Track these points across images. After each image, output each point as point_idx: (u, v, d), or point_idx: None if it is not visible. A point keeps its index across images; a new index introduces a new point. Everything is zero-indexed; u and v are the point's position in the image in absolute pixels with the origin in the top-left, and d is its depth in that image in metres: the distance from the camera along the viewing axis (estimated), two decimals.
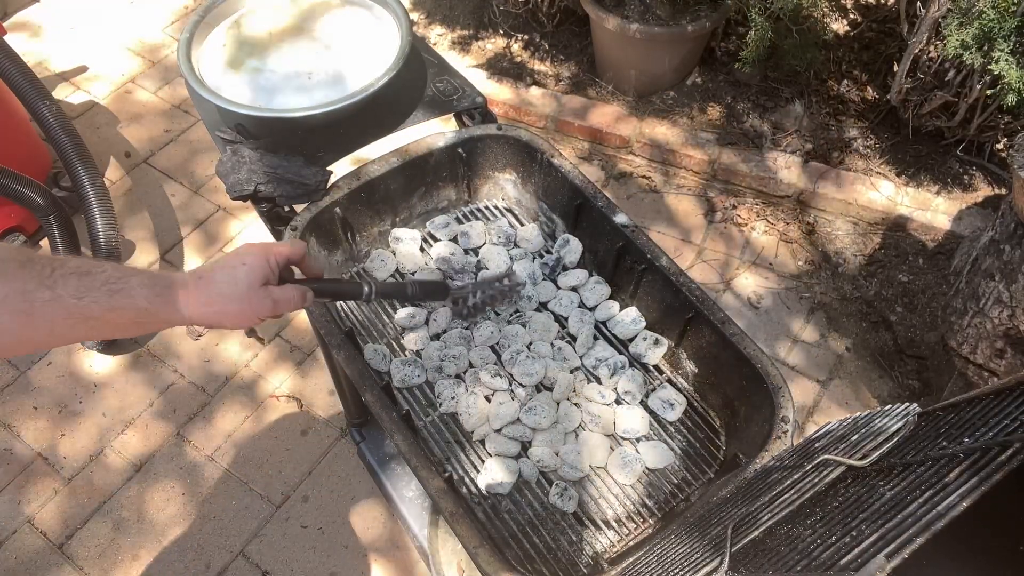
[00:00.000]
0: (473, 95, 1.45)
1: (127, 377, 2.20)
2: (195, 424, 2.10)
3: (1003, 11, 1.83)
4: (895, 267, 2.32)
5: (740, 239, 2.45)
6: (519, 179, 1.49)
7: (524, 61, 2.91)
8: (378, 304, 1.39)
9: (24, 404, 2.15)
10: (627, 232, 1.29)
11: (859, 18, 2.82)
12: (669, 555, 0.87)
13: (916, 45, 2.18)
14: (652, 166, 2.64)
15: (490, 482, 1.15)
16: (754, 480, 0.94)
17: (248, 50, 1.42)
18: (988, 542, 0.62)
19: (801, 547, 0.63)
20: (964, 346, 1.79)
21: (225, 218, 2.56)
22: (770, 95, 2.70)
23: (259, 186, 1.24)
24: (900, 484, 0.62)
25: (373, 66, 1.35)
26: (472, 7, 3.07)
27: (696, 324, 1.22)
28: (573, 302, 1.37)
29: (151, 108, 2.88)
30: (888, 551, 0.50)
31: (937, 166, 2.46)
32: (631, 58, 2.65)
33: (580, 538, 1.13)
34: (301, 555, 1.88)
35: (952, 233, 2.33)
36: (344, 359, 1.14)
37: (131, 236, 2.51)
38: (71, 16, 3.27)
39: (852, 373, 2.15)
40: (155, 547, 1.89)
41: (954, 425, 0.67)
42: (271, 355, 2.23)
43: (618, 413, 1.24)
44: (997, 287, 1.66)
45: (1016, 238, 1.60)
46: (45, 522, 1.94)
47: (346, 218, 1.36)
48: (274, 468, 2.02)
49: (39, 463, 2.04)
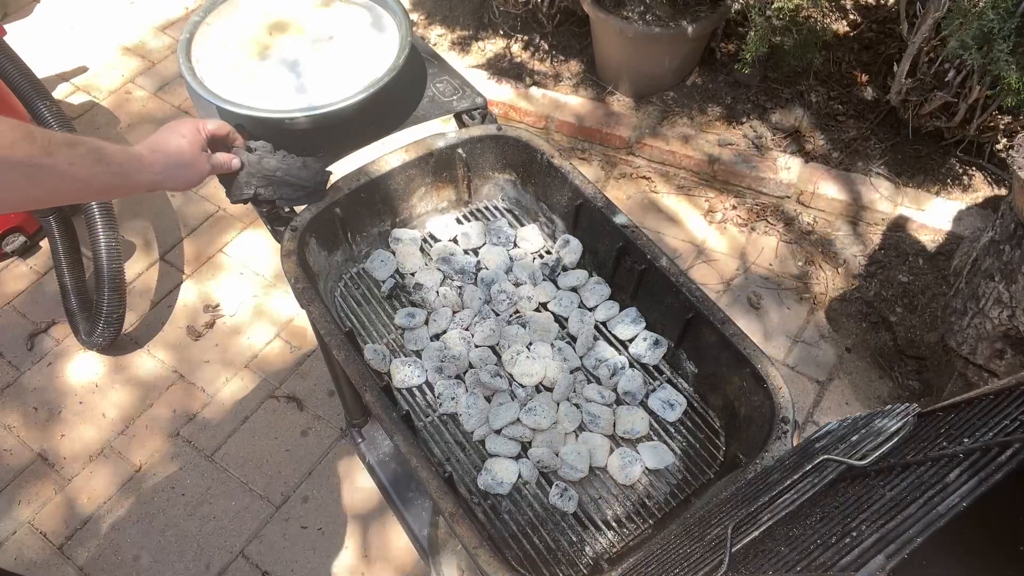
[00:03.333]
0: (473, 96, 1.45)
1: (127, 377, 2.20)
2: (195, 424, 2.10)
3: (1003, 11, 1.83)
4: (895, 267, 2.32)
5: (740, 239, 2.45)
6: (519, 179, 1.49)
7: (524, 62, 2.91)
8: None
9: (24, 404, 2.15)
10: (627, 232, 1.29)
11: (859, 18, 2.82)
12: (669, 556, 0.87)
13: (916, 45, 2.18)
14: (652, 166, 2.64)
15: (490, 482, 1.15)
16: (754, 480, 0.94)
17: (248, 50, 1.42)
18: (988, 542, 0.62)
19: (801, 547, 0.63)
20: (964, 346, 1.79)
21: (225, 218, 2.56)
22: (770, 95, 2.70)
23: (258, 189, 1.24)
24: (900, 484, 0.62)
25: (373, 66, 1.36)
26: (472, 8, 3.07)
27: (696, 324, 1.22)
28: (573, 302, 1.37)
29: (151, 109, 2.88)
30: (888, 551, 0.50)
31: (937, 166, 2.46)
32: (631, 59, 2.65)
33: (580, 538, 1.13)
34: (301, 555, 1.88)
35: (952, 233, 2.33)
36: (344, 359, 1.14)
37: (131, 237, 2.52)
38: (71, 16, 3.27)
39: (852, 373, 2.15)
40: (155, 547, 1.89)
41: (954, 425, 0.67)
42: (271, 355, 2.23)
43: (618, 413, 1.24)
44: (997, 287, 1.66)
45: (1016, 238, 1.60)
46: (45, 523, 1.94)
47: (346, 218, 1.36)
48: (274, 468, 2.02)
49: (39, 463, 2.04)
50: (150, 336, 2.29)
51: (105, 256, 2.06)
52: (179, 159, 1.07)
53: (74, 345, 2.24)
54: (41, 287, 2.41)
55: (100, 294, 2.07)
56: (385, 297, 1.39)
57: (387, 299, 1.39)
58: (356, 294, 1.41)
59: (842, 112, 2.63)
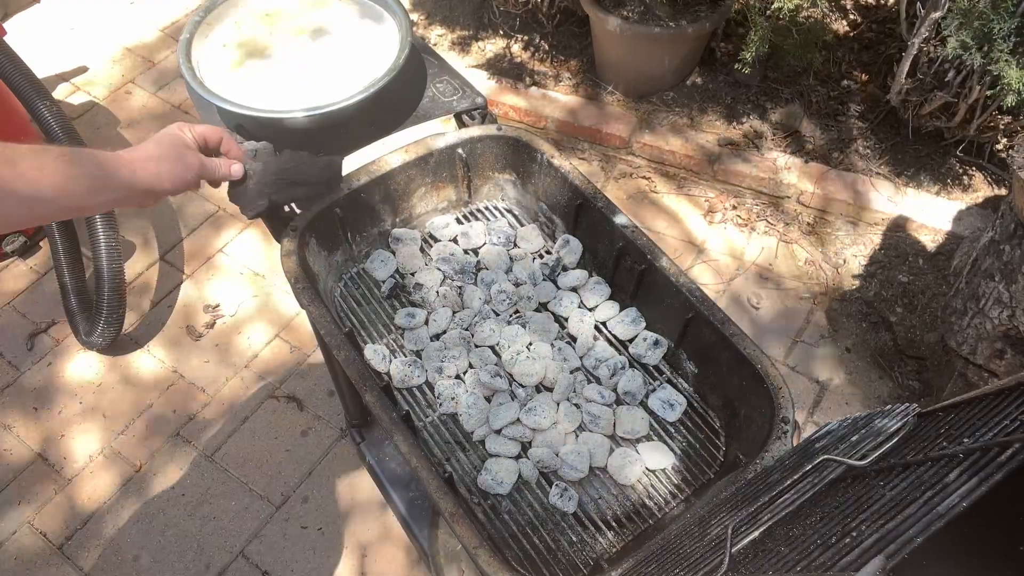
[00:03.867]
0: (473, 96, 1.45)
1: (127, 377, 2.20)
2: (195, 424, 2.10)
3: (1003, 11, 1.83)
4: (895, 267, 2.32)
5: (740, 239, 2.45)
6: (519, 179, 1.49)
7: (524, 62, 2.91)
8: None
9: (24, 404, 2.15)
10: (627, 232, 1.29)
11: (859, 18, 2.82)
12: (669, 556, 0.87)
13: (916, 46, 2.18)
14: (652, 166, 2.64)
15: (490, 482, 1.15)
16: (754, 480, 0.94)
17: (248, 50, 1.42)
18: (988, 542, 0.62)
19: (801, 548, 0.63)
20: (964, 346, 1.79)
21: (225, 218, 2.57)
22: (770, 95, 2.70)
23: (272, 196, 1.20)
24: (900, 484, 0.62)
25: (373, 66, 1.35)
26: (472, 8, 3.07)
27: (696, 324, 1.22)
28: (573, 302, 1.37)
29: (151, 109, 2.88)
30: (888, 552, 0.50)
31: (937, 166, 2.46)
32: (631, 59, 2.65)
33: (580, 538, 1.13)
34: (301, 556, 1.88)
35: (952, 233, 2.33)
36: (344, 360, 1.14)
37: (131, 237, 2.52)
38: (71, 17, 3.27)
39: (852, 373, 2.15)
40: (155, 547, 1.89)
41: (954, 425, 0.67)
42: (271, 355, 2.23)
43: (618, 414, 1.24)
44: (997, 287, 1.66)
45: (1016, 238, 1.60)
46: (45, 523, 1.94)
47: (346, 218, 1.36)
48: (274, 469, 2.02)
49: (39, 463, 2.04)
50: (150, 336, 2.29)
51: (105, 256, 2.06)
52: (161, 153, 1.00)
53: (74, 345, 2.24)
54: (41, 287, 2.41)
55: (100, 294, 2.08)
56: (385, 297, 1.39)
57: (387, 299, 1.39)
58: (356, 294, 1.41)
59: (842, 112, 2.63)
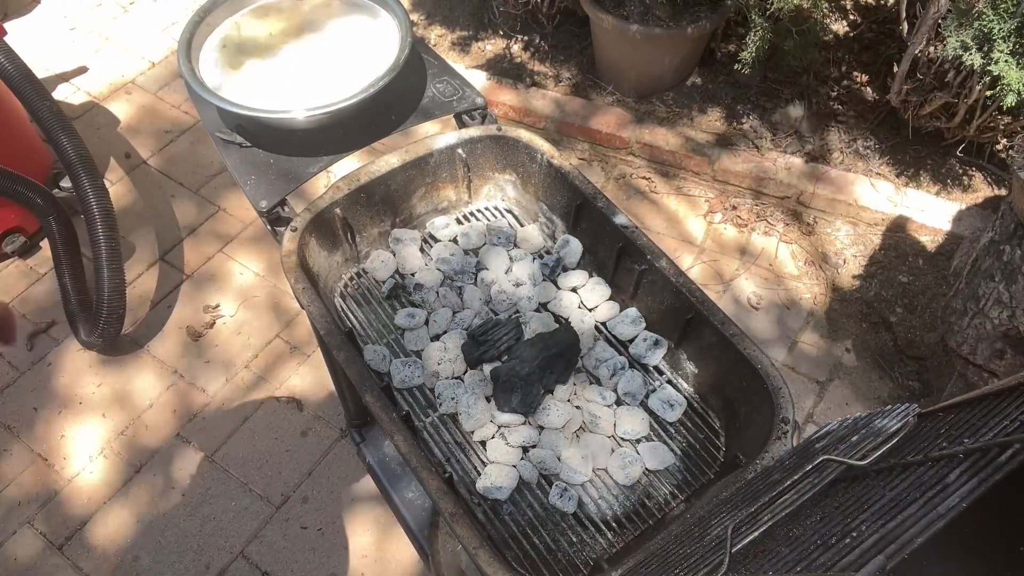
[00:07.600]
0: (473, 96, 1.46)
1: (127, 377, 2.20)
2: (195, 424, 2.10)
3: (1003, 11, 1.83)
4: (895, 268, 2.32)
5: (740, 240, 2.45)
6: (519, 180, 1.49)
7: (524, 62, 2.91)
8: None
9: (24, 405, 2.15)
10: (627, 233, 1.29)
11: (859, 19, 2.82)
12: (669, 556, 0.87)
13: (916, 46, 2.18)
14: (652, 167, 2.64)
15: (489, 487, 1.15)
16: (754, 481, 0.94)
17: (248, 51, 1.42)
18: (988, 542, 0.62)
19: (801, 548, 0.63)
20: (964, 347, 1.79)
21: (225, 218, 2.56)
22: (770, 96, 2.70)
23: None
24: (900, 485, 0.62)
25: (373, 67, 1.36)
26: (472, 8, 3.07)
27: (696, 325, 1.22)
28: (573, 303, 1.37)
29: (151, 109, 2.88)
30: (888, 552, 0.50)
31: (937, 167, 2.46)
32: (631, 59, 2.65)
33: (580, 539, 1.13)
34: (301, 556, 1.87)
35: (952, 234, 2.33)
36: (344, 360, 1.14)
37: (131, 237, 2.52)
38: (71, 17, 3.27)
39: (852, 374, 2.15)
40: (155, 547, 1.89)
41: (954, 426, 0.67)
42: (271, 356, 2.23)
43: (618, 414, 1.24)
44: (997, 288, 1.66)
45: (1016, 239, 1.60)
46: (45, 523, 1.94)
47: (346, 218, 1.36)
48: (274, 469, 2.02)
49: (39, 463, 2.04)
50: (150, 336, 2.29)
51: (105, 256, 2.06)
52: None
53: (74, 345, 2.24)
54: (41, 287, 2.41)
55: (100, 294, 2.07)
56: (385, 297, 1.39)
57: (387, 299, 1.39)
58: (356, 294, 1.41)
59: (842, 112, 2.63)
